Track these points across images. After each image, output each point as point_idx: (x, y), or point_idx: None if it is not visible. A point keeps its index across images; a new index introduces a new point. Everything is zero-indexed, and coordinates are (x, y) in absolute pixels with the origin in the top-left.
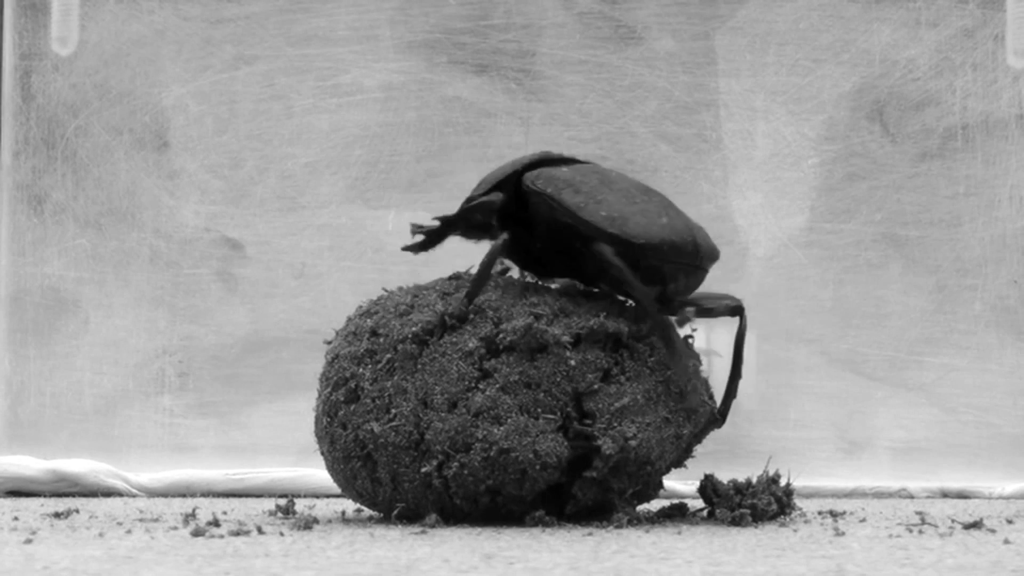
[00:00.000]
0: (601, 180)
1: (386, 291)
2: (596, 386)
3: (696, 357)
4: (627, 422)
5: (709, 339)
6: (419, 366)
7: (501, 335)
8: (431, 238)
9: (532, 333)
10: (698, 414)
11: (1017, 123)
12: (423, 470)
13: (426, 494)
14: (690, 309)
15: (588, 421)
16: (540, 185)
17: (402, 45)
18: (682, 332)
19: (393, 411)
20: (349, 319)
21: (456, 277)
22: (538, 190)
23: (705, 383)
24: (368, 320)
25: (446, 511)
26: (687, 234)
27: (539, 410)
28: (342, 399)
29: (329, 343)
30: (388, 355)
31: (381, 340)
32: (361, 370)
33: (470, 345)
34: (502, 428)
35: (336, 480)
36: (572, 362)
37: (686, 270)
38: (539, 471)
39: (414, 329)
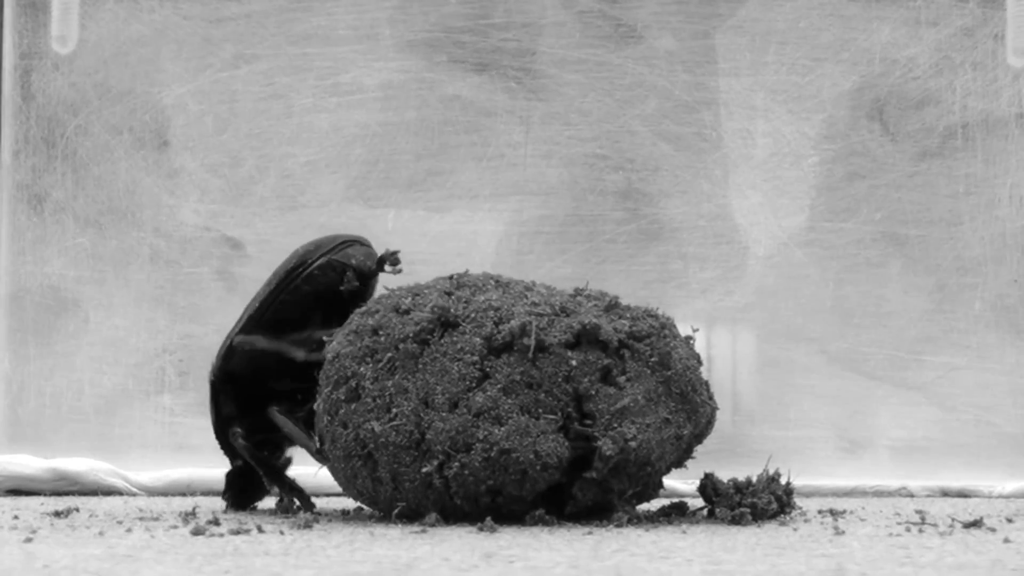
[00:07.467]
0: None
1: (387, 290)
2: (596, 387)
3: (696, 358)
4: (627, 423)
5: (709, 340)
6: (420, 365)
7: (502, 335)
8: None
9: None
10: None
11: (1017, 122)
12: (424, 470)
13: (426, 494)
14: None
15: (588, 422)
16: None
17: (402, 44)
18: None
19: (394, 410)
20: (350, 318)
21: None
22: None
23: (706, 384)
24: (369, 319)
25: (446, 511)
26: None
27: (540, 410)
28: (343, 398)
29: (330, 342)
30: (389, 354)
31: (382, 339)
32: (362, 369)
33: (472, 344)
34: (503, 428)
35: (336, 479)
36: (573, 362)
37: None
38: (540, 471)
39: (415, 328)
